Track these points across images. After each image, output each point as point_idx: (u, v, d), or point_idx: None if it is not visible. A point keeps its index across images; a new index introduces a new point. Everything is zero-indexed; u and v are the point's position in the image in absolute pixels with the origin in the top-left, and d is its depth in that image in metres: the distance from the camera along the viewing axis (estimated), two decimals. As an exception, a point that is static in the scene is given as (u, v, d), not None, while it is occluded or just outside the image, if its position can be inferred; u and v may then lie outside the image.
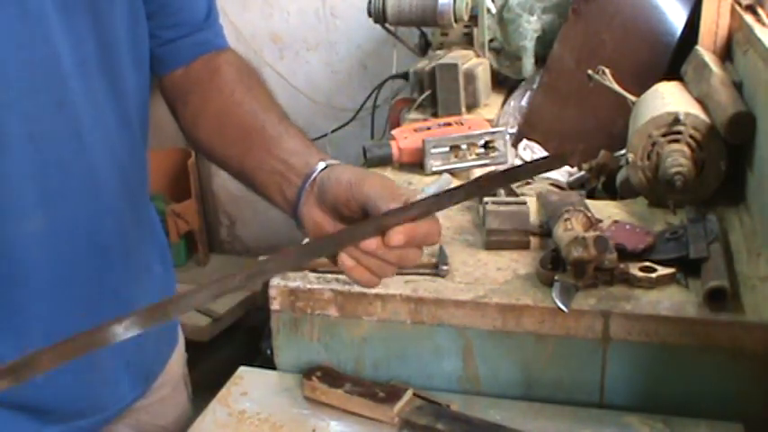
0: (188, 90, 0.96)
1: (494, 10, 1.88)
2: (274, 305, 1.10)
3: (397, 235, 0.70)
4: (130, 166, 0.92)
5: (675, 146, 1.26)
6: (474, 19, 1.89)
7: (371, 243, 0.71)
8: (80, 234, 0.86)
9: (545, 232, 1.17)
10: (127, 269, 0.94)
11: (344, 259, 0.73)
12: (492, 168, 1.43)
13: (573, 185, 1.52)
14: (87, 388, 0.93)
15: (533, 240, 1.18)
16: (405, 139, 1.52)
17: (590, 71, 1.51)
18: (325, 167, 0.81)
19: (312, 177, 0.81)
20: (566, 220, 1.10)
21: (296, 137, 0.87)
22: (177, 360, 1.12)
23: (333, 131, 2.59)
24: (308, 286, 1.09)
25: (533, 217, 1.21)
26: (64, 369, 0.86)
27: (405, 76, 1.97)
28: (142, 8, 0.90)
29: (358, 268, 0.74)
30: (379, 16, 1.91)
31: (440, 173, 1.45)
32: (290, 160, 0.84)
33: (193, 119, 0.94)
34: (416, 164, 1.48)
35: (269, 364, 1.15)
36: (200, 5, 0.97)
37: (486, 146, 1.47)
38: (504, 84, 1.91)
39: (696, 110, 1.29)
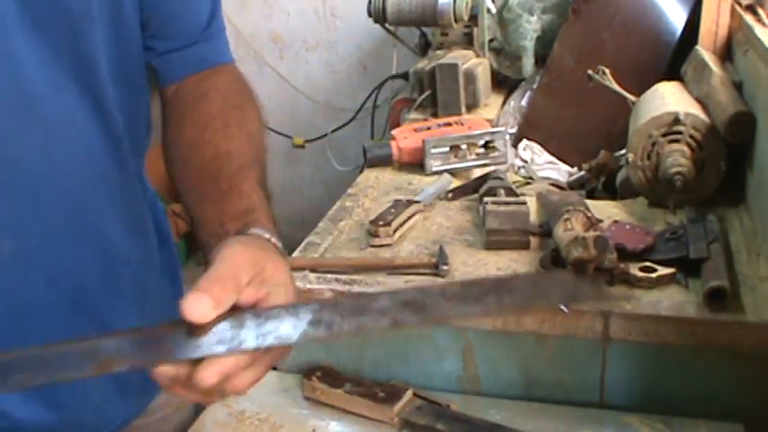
0: (171, 115, 0.90)
1: (494, 10, 1.88)
2: (274, 305, 1.10)
3: (208, 374, 0.59)
4: (119, 185, 0.87)
5: (675, 146, 1.26)
6: (474, 19, 1.89)
7: (170, 371, 0.60)
8: (53, 259, 0.81)
9: (545, 232, 1.17)
10: (113, 292, 0.88)
11: (159, 375, 0.61)
12: (492, 169, 1.43)
13: (573, 185, 1.52)
14: (73, 411, 0.88)
15: (533, 240, 1.18)
16: (405, 139, 1.52)
17: (590, 71, 1.51)
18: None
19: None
20: (566, 220, 1.10)
21: (245, 196, 0.78)
22: None
23: (333, 131, 2.60)
24: (308, 286, 1.09)
25: (533, 217, 1.21)
26: (46, 391, 0.83)
27: (405, 76, 1.97)
28: (132, 22, 0.85)
29: (176, 388, 0.62)
30: (379, 16, 1.91)
31: (440, 173, 1.45)
32: (226, 223, 0.75)
33: (167, 147, 0.88)
34: (416, 164, 1.48)
35: (269, 364, 1.15)
36: (198, 16, 0.91)
37: (486, 146, 1.47)
38: (504, 84, 1.91)
39: (696, 110, 1.29)
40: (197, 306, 0.59)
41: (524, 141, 1.68)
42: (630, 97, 1.46)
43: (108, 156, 0.85)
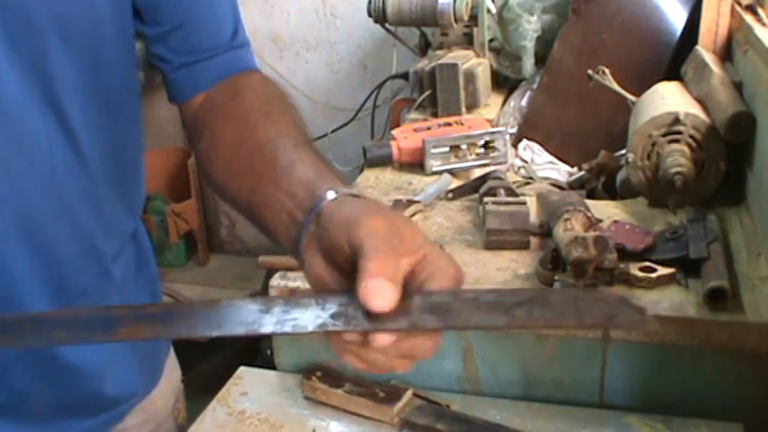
0: (204, 120, 0.85)
1: (494, 10, 1.88)
2: (274, 305, 1.10)
3: (381, 340, 0.56)
4: (85, 211, 0.84)
5: (675, 146, 1.26)
6: (474, 19, 1.89)
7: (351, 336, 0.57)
8: (8, 284, 0.78)
9: (545, 232, 1.17)
10: None
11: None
12: (492, 169, 1.43)
13: (573, 185, 1.52)
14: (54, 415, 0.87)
15: (533, 240, 1.18)
16: (405, 139, 1.52)
17: (590, 71, 1.51)
18: (335, 199, 0.65)
19: (314, 212, 0.65)
20: (566, 220, 1.10)
21: (310, 164, 0.72)
22: (163, 394, 1.03)
23: (333, 131, 2.59)
24: (308, 286, 1.08)
25: (533, 217, 1.21)
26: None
27: (405, 76, 1.97)
28: (110, 41, 0.80)
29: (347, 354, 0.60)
30: (379, 16, 1.91)
31: (440, 173, 1.45)
32: (298, 193, 0.68)
33: (207, 154, 0.83)
34: (416, 164, 1.48)
35: (269, 364, 1.15)
36: (225, 26, 0.87)
37: (486, 146, 1.47)
38: (504, 84, 1.91)
39: (696, 110, 1.29)
40: (381, 293, 0.55)
41: (524, 141, 1.68)
42: (630, 97, 1.46)
43: (73, 180, 0.81)
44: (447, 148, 1.46)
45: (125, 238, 0.94)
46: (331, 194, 0.65)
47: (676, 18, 1.64)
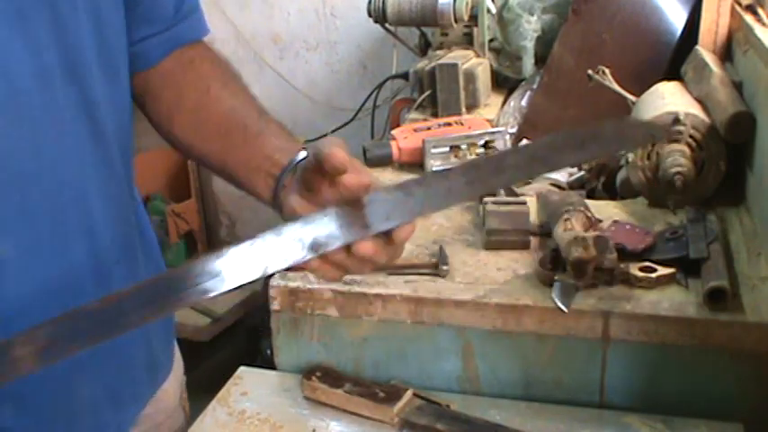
0: (160, 85, 0.92)
1: (494, 10, 1.88)
2: (274, 305, 1.10)
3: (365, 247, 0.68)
4: (107, 184, 0.85)
5: (675, 146, 1.26)
6: (474, 19, 1.89)
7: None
8: (46, 258, 0.79)
9: (545, 232, 1.17)
10: (106, 292, 0.86)
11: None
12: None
13: (573, 185, 1.52)
14: (63, 418, 0.86)
15: (533, 240, 1.18)
16: (405, 139, 1.52)
17: (590, 71, 1.51)
18: (306, 156, 0.80)
19: (293, 164, 0.80)
20: (566, 220, 1.10)
21: (278, 133, 0.85)
22: (172, 386, 1.05)
23: (333, 131, 2.59)
24: (308, 286, 1.09)
25: (533, 217, 1.21)
26: (34, 396, 0.81)
27: (405, 76, 1.97)
28: (113, 12, 0.84)
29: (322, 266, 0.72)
30: (379, 16, 1.91)
31: (440, 173, 1.45)
32: (273, 155, 0.82)
33: (168, 115, 0.91)
34: (416, 164, 1.48)
35: (269, 364, 1.15)
36: (166, 2, 0.92)
37: (486, 146, 1.47)
38: (504, 84, 1.91)
39: (696, 110, 1.29)
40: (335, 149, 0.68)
41: (524, 141, 1.68)
42: (630, 97, 1.46)
43: (96, 154, 0.83)
44: (447, 148, 1.46)
45: (131, 218, 0.95)
46: (302, 153, 0.81)
47: (676, 18, 1.64)
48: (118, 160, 0.87)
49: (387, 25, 1.97)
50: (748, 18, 1.38)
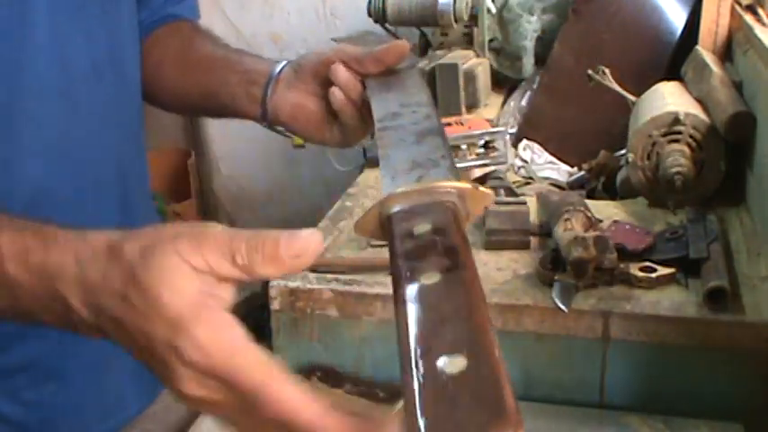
0: (149, 46, 0.95)
1: (494, 10, 1.88)
2: (274, 305, 1.10)
3: None
4: (139, 179, 0.91)
5: (675, 146, 1.26)
6: (474, 19, 1.89)
7: None
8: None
9: (545, 232, 1.17)
10: None
11: None
12: (492, 169, 1.43)
13: (573, 185, 1.52)
14: (94, 396, 0.90)
15: (533, 240, 1.18)
16: (405, 139, 1.51)
17: (590, 71, 1.51)
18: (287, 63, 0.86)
19: (279, 68, 0.85)
20: (566, 220, 1.10)
21: (257, 57, 0.90)
22: None
23: (333, 131, 2.59)
24: (308, 286, 1.09)
25: (533, 217, 1.21)
26: (73, 375, 0.85)
27: (405, 76, 1.96)
28: (134, 3, 0.89)
29: None
30: (379, 16, 1.91)
31: (440, 173, 1.44)
32: (256, 68, 0.86)
33: (156, 68, 0.94)
34: (416, 164, 1.48)
35: (269, 364, 1.15)
36: None
37: (486, 146, 1.47)
38: (504, 84, 1.91)
39: (696, 110, 1.29)
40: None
41: (524, 141, 1.68)
42: (630, 97, 1.46)
43: (133, 145, 0.89)
44: (447, 148, 1.46)
45: (150, 215, 1.00)
46: (283, 62, 0.86)
47: (676, 18, 1.64)
48: (143, 154, 0.93)
49: (387, 25, 1.97)
50: (748, 18, 1.38)
